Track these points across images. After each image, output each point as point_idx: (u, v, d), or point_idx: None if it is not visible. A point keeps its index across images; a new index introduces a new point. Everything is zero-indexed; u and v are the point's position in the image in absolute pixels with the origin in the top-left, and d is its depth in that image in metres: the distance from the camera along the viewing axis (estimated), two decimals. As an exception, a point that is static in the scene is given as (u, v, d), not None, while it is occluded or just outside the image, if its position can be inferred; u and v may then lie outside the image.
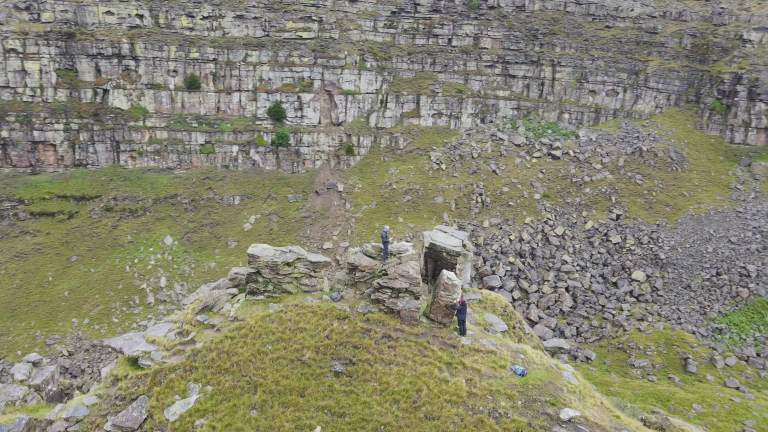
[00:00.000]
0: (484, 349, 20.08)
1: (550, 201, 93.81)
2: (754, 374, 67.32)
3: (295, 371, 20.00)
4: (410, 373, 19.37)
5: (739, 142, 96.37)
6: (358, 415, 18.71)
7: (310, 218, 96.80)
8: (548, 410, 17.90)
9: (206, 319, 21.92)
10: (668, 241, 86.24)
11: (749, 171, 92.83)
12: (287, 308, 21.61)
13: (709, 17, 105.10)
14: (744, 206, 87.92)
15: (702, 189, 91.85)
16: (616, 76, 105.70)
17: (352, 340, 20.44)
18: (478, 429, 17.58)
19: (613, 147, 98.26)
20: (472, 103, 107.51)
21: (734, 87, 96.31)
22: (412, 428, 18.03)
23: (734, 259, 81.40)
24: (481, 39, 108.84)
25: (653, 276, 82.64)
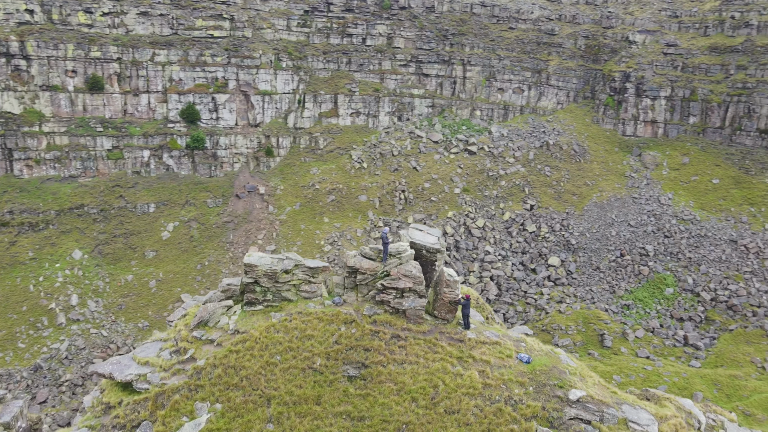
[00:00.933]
0: (489, 341, 21.10)
1: (469, 195, 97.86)
2: (659, 344, 74.92)
3: (307, 380, 19.83)
4: (424, 371, 19.92)
5: (630, 135, 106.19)
6: (378, 417, 18.95)
7: (233, 223, 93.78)
8: (558, 393, 19.25)
9: (203, 335, 21.05)
10: (577, 227, 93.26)
11: (640, 160, 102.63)
12: (291, 316, 21.29)
13: (599, 20, 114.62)
14: (639, 192, 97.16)
15: (602, 178, 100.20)
16: (521, 75, 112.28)
17: (363, 343, 20.60)
18: (497, 418, 18.53)
19: (523, 141, 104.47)
20: (389, 102, 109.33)
21: (624, 84, 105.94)
22: (434, 424, 18.60)
23: (634, 240, 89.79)
24: (394, 39, 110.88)
25: (567, 260, 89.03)
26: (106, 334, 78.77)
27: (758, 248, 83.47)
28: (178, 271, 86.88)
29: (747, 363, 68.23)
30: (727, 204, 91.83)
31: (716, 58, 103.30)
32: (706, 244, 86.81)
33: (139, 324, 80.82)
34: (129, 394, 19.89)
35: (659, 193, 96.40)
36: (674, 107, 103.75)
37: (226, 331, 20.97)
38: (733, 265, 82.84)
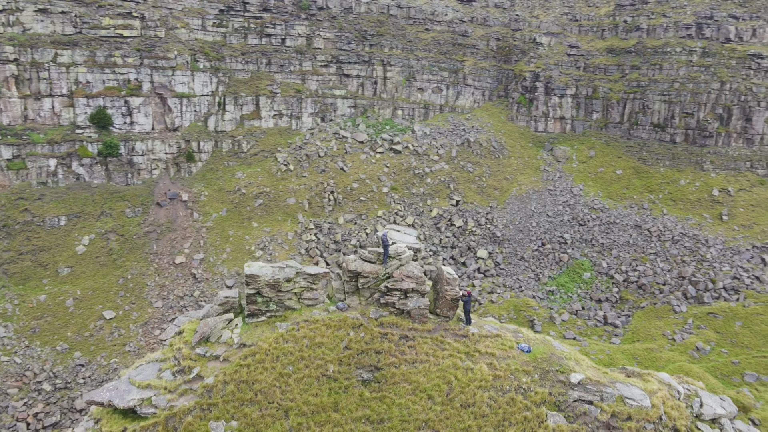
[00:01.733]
0: (491, 334, 22.16)
1: (397, 193, 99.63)
2: (583, 325, 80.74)
3: (323, 387, 19.80)
4: (436, 368, 20.57)
5: (542, 131, 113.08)
6: (397, 418, 19.34)
7: (155, 233, 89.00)
8: (560, 378, 20.68)
9: (207, 351, 20.34)
10: (501, 220, 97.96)
11: (552, 154, 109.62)
12: (297, 325, 21.09)
13: (508, 23, 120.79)
14: (553, 185, 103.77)
15: (520, 172, 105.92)
16: (439, 75, 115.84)
17: (373, 346, 20.86)
18: (511, 407, 19.59)
19: (446, 139, 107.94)
20: (312, 103, 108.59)
21: (534, 83, 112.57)
22: (452, 419, 19.30)
23: (553, 230, 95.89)
24: (313, 39, 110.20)
25: (494, 252, 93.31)
26: (20, 361, 72.09)
27: (659, 231, 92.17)
28: (97, 287, 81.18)
29: (659, 336, 75.34)
30: (630, 192, 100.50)
31: (613, 59, 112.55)
32: (615, 230, 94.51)
33: (58, 347, 74.75)
34: (132, 420, 18.82)
35: (571, 184, 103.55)
36: (579, 104, 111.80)
37: (231, 346, 20.37)
38: (640, 248, 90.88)
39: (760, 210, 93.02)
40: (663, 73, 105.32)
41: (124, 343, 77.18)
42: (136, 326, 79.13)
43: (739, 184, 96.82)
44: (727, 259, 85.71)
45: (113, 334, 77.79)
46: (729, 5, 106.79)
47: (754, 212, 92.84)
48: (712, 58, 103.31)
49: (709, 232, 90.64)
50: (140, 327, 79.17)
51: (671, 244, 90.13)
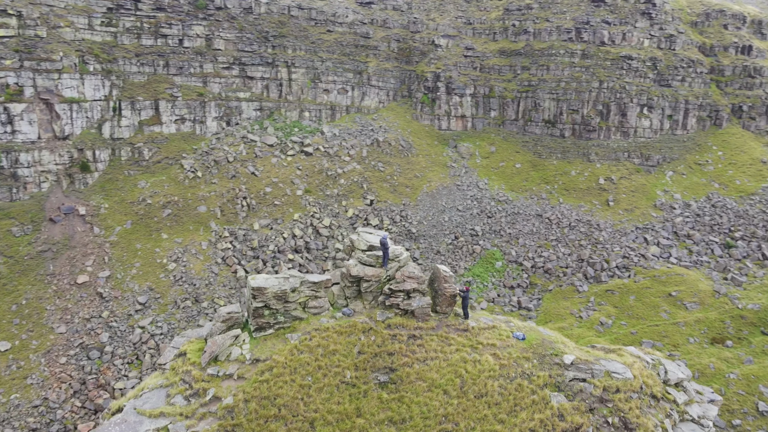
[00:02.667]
0: (488, 326, 23.51)
1: (312, 195, 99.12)
2: (500, 311, 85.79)
3: (343, 394, 19.95)
4: (446, 364, 21.49)
5: (445, 129, 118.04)
6: (418, 417, 20.04)
7: (51, 251, 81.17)
8: (556, 360, 22.51)
9: (219, 371, 19.59)
10: (415, 216, 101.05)
11: (457, 151, 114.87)
12: (309, 335, 20.96)
13: (407, 25, 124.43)
14: (460, 180, 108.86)
15: (429, 170, 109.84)
16: (344, 76, 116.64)
17: (385, 349, 21.30)
18: (519, 392, 21.05)
19: (355, 140, 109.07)
20: (216, 107, 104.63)
21: (436, 84, 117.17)
22: (469, 411, 20.37)
23: (465, 223, 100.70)
24: (213, 40, 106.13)
25: (411, 248, 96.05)
26: None
27: (558, 219, 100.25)
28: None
29: (568, 315, 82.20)
30: (529, 184, 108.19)
31: (505, 60, 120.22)
32: (520, 220, 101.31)
33: (-57, 388, 65.99)
34: (150, 453, 17.76)
35: (477, 179, 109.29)
36: (478, 103, 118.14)
37: (244, 362, 19.79)
38: (542, 236, 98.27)
39: (638, 195, 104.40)
40: (550, 73, 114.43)
41: (24, 375, 69.86)
42: (37, 356, 71.88)
43: (620, 172, 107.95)
44: (616, 241, 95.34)
45: (10, 366, 70.11)
46: (602, 12, 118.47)
47: (634, 197, 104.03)
48: (591, 60, 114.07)
49: (599, 217, 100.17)
50: (42, 356, 72.04)
51: (569, 230, 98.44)
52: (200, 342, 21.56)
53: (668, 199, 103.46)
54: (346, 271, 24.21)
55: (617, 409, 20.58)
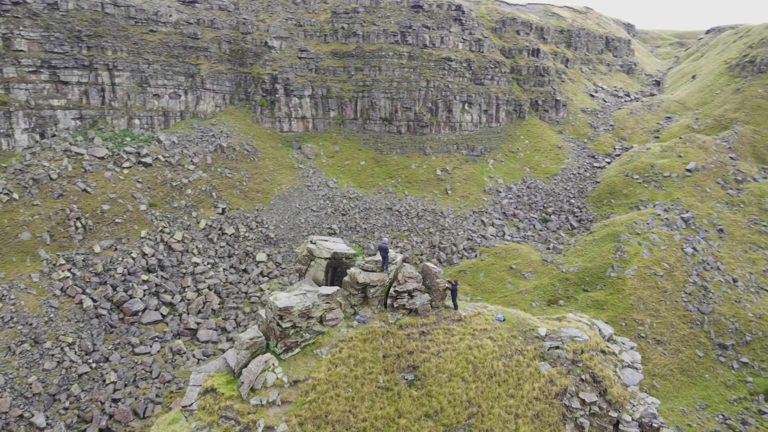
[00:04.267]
0: (475, 313, 25.94)
1: (158, 209, 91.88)
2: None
3: (382, 399, 20.84)
4: (455, 353, 23.48)
5: (287, 131, 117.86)
6: (448, 406, 21.86)
7: None
8: (534, 335, 25.94)
9: (262, 400, 18.92)
10: (271, 221, 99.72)
11: (302, 152, 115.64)
12: (337, 347, 21.22)
13: (236, 26, 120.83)
14: (310, 181, 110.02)
15: (277, 173, 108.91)
16: (175, 80, 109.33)
17: (405, 349, 22.51)
18: (519, 366, 23.99)
19: (197, 147, 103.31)
20: (24, 117, 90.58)
21: (274, 86, 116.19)
22: (485, 392, 22.77)
23: (321, 223, 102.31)
24: (13, 40, 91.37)
25: (272, 254, 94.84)
26: None
27: (406, 210, 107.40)
28: None
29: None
30: (375, 180, 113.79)
31: (339, 62, 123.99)
32: (372, 215, 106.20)
33: None
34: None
35: (326, 179, 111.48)
36: (317, 104, 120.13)
37: (283, 386, 19.30)
38: (395, 227, 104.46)
39: (470, 183, 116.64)
40: (382, 74, 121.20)
41: None
42: None
43: (453, 163, 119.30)
44: (459, 225, 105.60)
45: None
46: (421, 17, 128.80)
47: (467, 185, 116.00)
48: (417, 61, 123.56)
49: (442, 206, 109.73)
50: None
51: (417, 219, 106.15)
52: (223, 374, 20.12)
53: (494, 184, 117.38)
54: (350, 280, 24.47)
55: (586, 367, 24.68)
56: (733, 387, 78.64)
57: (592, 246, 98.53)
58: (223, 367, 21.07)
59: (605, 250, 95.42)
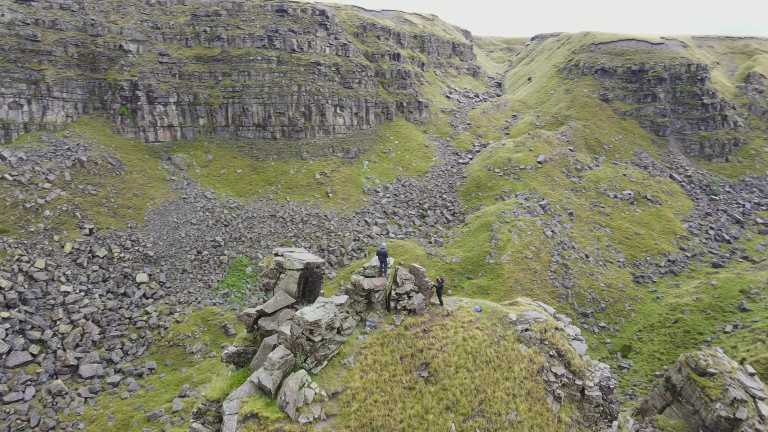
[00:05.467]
0: (458, 307, 27.81)
1: (11, 235, 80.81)
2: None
3: (409, 399, 22.04)
4: (455, 346, 25.18)
5: (154, 141, 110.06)
6: (462, 396, 23.60)
7: None
8: (508, 320, 28.55)
9: (309, 416, 18.90)
10: (147, 239, 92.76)
11: (172, 163, 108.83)
12: (361, 354, 21.68)
13: (83, 27, 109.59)
14: (185, 193, 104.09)
15: (148, 186, 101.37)
16: (15, 87, 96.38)
17: (416, 348, 23.68)
18: (506, 351, 26.38)
19: (51, 163, 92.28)
20: None
21: (134, 93, 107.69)
22: (486, 378, 24.88)
23: (203, 236, 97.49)
24: None
25: (154, 273, 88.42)
26: None
27: (291, 216, 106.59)
28: None
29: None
30: (255, 188, 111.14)
31: (204, 67, 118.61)
32: (256, 224, 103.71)
33: None
34: None
35: (202, 189, 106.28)
36: (184, 111, 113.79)
37: (323, 400, 19.36)
38: (281, 234, 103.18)
39: (349, 185, 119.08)
40: (252, 79, 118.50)
41: None
42: None
43: (330, 166, 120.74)
44: (344, 227, 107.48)
45: None
46: (287, 21, 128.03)
47: (347, 187, 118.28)
48: (286, 66, 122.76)
49: (325, 209, 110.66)
50: None
51: (303, 225, 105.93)
52: (257, 398, 19.17)
53: (372, 185, 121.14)
54: (355, 287, 24.56)
55: (551, 344, 27.91)
56: (596, 349, 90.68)
57: (469, 237, 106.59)
58: (253, 391, 20.17)
59: (481, 240, 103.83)
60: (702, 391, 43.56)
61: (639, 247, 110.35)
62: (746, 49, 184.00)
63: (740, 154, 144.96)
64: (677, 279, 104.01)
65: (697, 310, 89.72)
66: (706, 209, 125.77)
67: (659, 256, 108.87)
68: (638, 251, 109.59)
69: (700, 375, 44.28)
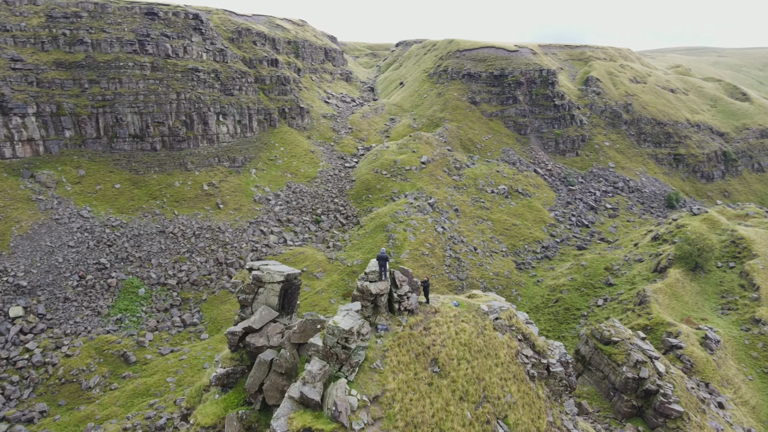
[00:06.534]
0: (442, 304, 29.56)
1: None
2: (168, 336, 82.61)
3: (433, 393, 23.28)
4: (451, 340, 27.01)
5: (11, 157, 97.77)
6: (469, 385, 25.60)
7: None
8: (482, 312, 30.93)
9: (359, 422, 19.54)
10: (17, 267, 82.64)
11: (37, 181, 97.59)
12: (386, 357, 22.51)
13: None
14: (58, 213, 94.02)
15: (12, 209, 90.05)
16: None
17: (424, 345, 25.14)
18: (490, 339, 28.74)
19: None
20: None
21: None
22: (482, 366, 27.14)
23: (85, 259, 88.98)
24: None
25: (31, 305, 79.14)
26: None
27: (182, 231, 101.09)
28: None
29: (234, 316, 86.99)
30: (138, 203, 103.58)
31: (66, 73, 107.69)
32: (144, 242, 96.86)
33: None
34: None
35: (77, 208, 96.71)
36: (47, 123, 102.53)
37: (367, 405, 20.01)
38: (173, 251, 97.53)
39: (239, 194, 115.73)
40: (125, 86, 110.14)
41: None
42: None
43: (218, 177, 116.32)
44: (240, 238, 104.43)
45: None
46: (158, 25, 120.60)
47: (237, 197, 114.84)
48: (162, 72, 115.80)
49: (217, 221, 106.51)
50: None
51: (196, 239, 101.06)
52: (303, 413, 18.86)
53: (262, 193, 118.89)
54: (363, 293, 24.74)
55: (518, 329, 30.89)
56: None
57: (366, 238, 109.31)
58: (295, 406, 19.74)
59: (379, 240, 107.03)
60: (609, 357, 50.04)
61: (517, 237, 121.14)
62: (582, 56, 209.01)
63: (587, 148, 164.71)
64: (552, 263, 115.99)
65: (573, 288, 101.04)
66: (567, 199, 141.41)
67: (535, 244, 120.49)
68: (517, 240, 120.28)
69: (605, 344, 50.83)
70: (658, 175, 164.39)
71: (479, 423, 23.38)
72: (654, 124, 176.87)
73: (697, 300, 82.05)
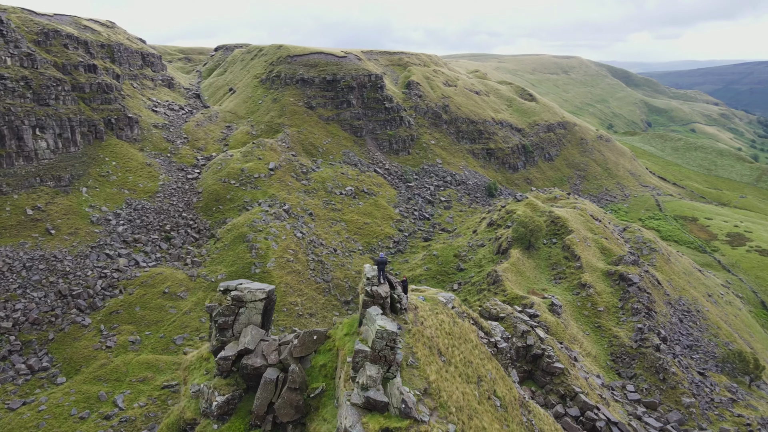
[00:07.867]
0: (415, 299, 32.15)
1: None
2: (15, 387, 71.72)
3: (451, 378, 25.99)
4: (440, 330, 29.83)
5: None
6: (466, 368, 28.66)
7: None
8: (442, 303, 34.29)
9: (425, 415, 21.75)
10: None
11: None
12: (415, 354, 24.58)
13: None
14: None
15: None
16: None
17: (428, 337, 27.89)
18: (460, 326, 32.26)
19: None
20: None
21: None
22: (466, 350, 30.41)
23: None
24: None
25: None
26: None
27: (8, 266, 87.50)
28: None
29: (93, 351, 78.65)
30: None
31: None
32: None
33: None
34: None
35: None
36: None
37: (421, 399, 22.41)
38: (2, 288, 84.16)
39: (72, 217, 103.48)
40: None
41: None
42: None
43: (43, 199, 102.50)
44: (84, 266, 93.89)
45: None
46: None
47: (70, 220, 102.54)
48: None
49: (51, 249, 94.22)
50: None
51: (28, 272, 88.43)
52: (372, 416, 19.87)
53: (99, 213, 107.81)
54: (373, 297, 25.57)
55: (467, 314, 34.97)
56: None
57: (226, 251, 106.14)
58: (361, 412, 20.42)
59: (240, 251, 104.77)
60: (497, 331, 57.27)
61: (370, 235, 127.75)
62: (401, 62, 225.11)
63: (417, 147, 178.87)
64: (405, 256, 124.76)
65: (430, 277, 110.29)
66: (407, 195, 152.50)
67: (387, 239, 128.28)
68: (371, 238, 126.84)
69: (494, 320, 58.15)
70: (477, 168, 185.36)
71: (485, 400, 26.88)
72: (468, 122, 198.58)
73: (535, 274, 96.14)
